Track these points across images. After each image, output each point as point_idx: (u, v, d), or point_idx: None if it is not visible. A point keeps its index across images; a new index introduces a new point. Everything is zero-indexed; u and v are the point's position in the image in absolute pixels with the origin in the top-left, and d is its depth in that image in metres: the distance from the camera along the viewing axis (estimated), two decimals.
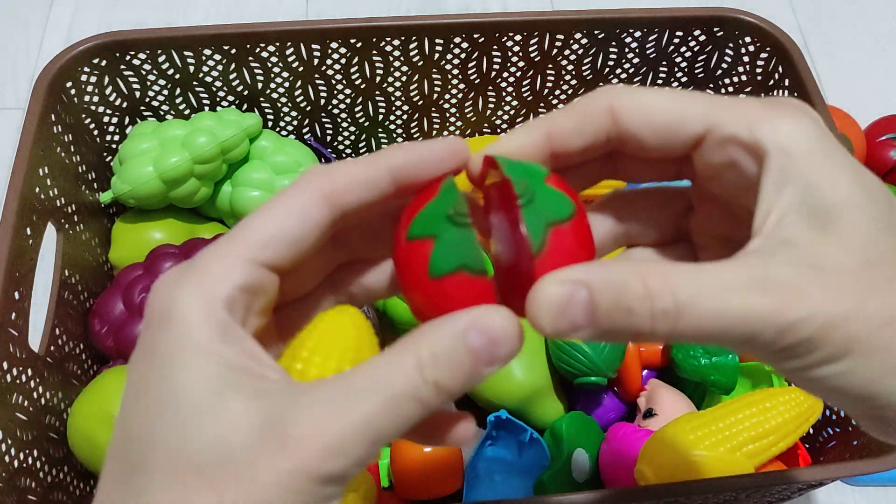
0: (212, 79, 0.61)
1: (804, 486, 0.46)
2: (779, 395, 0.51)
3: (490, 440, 0.57)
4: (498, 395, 0.56)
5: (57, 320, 0.53)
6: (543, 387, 0.56)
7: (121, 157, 0.59)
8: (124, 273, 0.57)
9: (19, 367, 0.47)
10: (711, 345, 0.22)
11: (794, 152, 0.21)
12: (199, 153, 0.58)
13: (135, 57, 0.58)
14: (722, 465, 0.46)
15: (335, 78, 0.62)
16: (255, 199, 0.61)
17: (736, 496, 0.45)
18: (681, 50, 0.63)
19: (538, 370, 0.56)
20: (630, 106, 0.23)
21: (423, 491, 0.54)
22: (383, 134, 0.68)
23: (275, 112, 0.65)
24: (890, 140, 0.73)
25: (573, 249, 0.21)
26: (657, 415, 0.54)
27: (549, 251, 0.21)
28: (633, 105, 0.23)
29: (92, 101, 0.59)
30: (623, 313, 0.20)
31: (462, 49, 0.61)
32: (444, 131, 0.69)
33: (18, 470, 0.46)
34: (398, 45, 0.60)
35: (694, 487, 0.41)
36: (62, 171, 0.55)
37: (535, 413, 0.57)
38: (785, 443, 0.49)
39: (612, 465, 0.53)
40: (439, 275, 0.21)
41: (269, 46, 0.58)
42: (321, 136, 0.68)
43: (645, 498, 0.41)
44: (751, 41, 0.61)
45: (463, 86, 0.64)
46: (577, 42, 0.61)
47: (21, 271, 0.48)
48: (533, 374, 0.56)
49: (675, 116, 0.22)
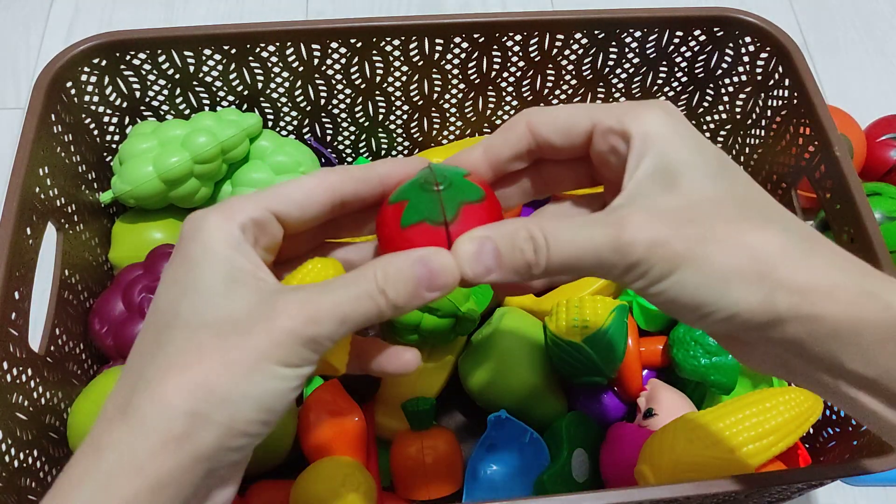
0: (212, 79, 0.61)
1: (804, 486, 0.46)
2: (779, 395, 0.51)
3: (490, 440, 0.57)
4: (498, 395, 0.56)
5: (57, 320, 0.53)
6: (543, 387, 0.56)
7: (121, 157, 0.59)
8: (124, 273, 0.57)
9: (19, 367, 0.47)
10: (577, 274, 0.29)
11: (651, 134, 0.28)
12: (199, 153, 0.58)
13: (135, 57, 0.58)
14: (722, 465, 0.46)
15: (335, 78, 0.62)
16: None
17: (736, 496, 0.45)
18: (681, 50, 0.63)
19: (538, 370, 0.56)
20: (540, 118, 0.31)
21: (423, 491, 0.54)
22: (383, 134, 0.68)
23: (275, 112, 0.65)
24: (890, 140, 0.73)
25: (482, 220, 0.29)
26: (657, 415, 0.54)
27: (461, 220, 0.29)
28: (542, 117, 0.31)
29: (92, 101, 0.59)
30: (518, 253, 0.28)
31: (462, 49, 0.61)
32: (444, 131, 0.69)
33: (18, 470, 0.46)
34: (398, 45, 0.60)
35: (694, 487, 0.41)
36: (62, 171, 0.55)
37: (535, 413, 0.57)
38: (785, 443, 0.49)
39: (612, 465, 0.53)
40: (407, 225, 0.29)
41: (269, 46, 0.58)
42: (321, 136, 0.68)
43: (645, 498, 0.41)
44: (751, 41, 0.61)
45: (463, 86, 0.64)
46: (577, 42, 0.61)
47: (21, 271, 0.48)
48: (533, 374, 0.56)
49: (571, 119, 0.31)
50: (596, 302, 0.55)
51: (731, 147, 0.68)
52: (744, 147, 0.66)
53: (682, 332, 0.56)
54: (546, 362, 0.57)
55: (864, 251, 0.50)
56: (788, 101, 0.59)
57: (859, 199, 0.51)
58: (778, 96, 0.60)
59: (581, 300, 0.55)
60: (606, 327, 0.54)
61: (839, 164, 0.52)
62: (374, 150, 0.70)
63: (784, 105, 0.59)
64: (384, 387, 0.59)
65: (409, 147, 0.70)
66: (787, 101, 0.59)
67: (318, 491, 0.48)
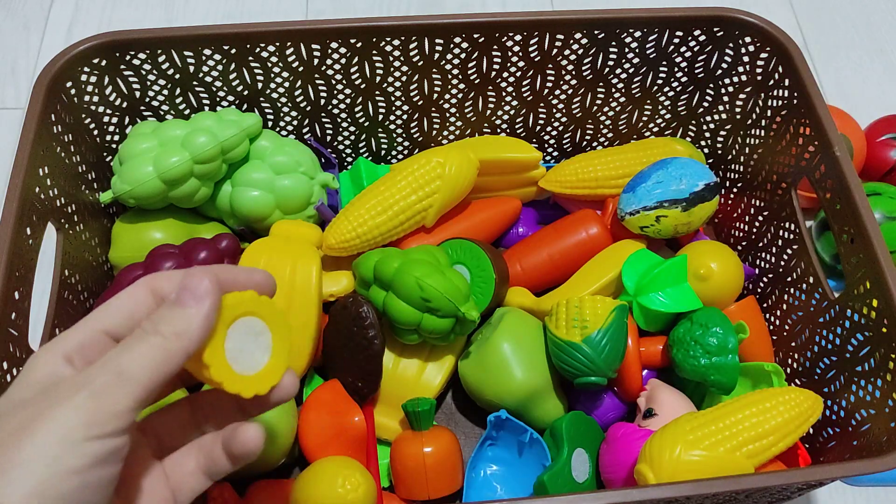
0: (212, 79, 0.61)
1: (804, 486, 0.46)
2: (779, 395, 0.51)
3: (490, 440, 0.57)
4: (498, 395, 0.56)
5: (57, 320, 0.53)
6: (543, 387, 0.56)
7: (121, 157, 0.59)
8: (124, 273, 0.57)
9: (19, 367, 0.47)
10: None
11: None
12: (199, 153, 0.58)
13: (135, 57, 0.58)
14: (722, 465, 0.46)
15: (335, 78, 0.62)
16: (254, 199, 0.61)
17: (736, 496, 0.45)
18: (681, 50, 0.63)
19: (538, 370, 0.56)
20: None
21: (423, 491, 0.54)
22: (383, 134, 0.68)
23: (275, 112, 0.65)
24: (889, 140, 0.73)
25: None
26: (657, 415, 0.54)
27: None
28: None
29: (92, 101, 0.59)
30: None
31: (462, 49, 0.61)
32: (444, 131, 0.69)
33: None
34: (398, 45, 0.60)
35: (694, 487, 0.41)
36: (62, 171, 0.55)
37: (536, 413, 0.57)
38: (785, 443, 0.49)
39: (612, 465, 0.53)
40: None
41: (269, 46, 0.58)
42: (321, 136, 0.68)
43: (645, 498, 0.41)
44: (751, 41, 0.61)
45: (463, 86, 0.64)
46: (577, 42, 0.61)
47: (21, 271, 0.48)
48: (533, 374, 0.56)
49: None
50: (596, 302, 0.55)
51: (731, 147, 0.68)
52: (744, 147, 0.66)
53: (681, 332, 0.56)
54: (546, 362, 0.57)
55: (864, 251, 0.50)
56: (788, 101, 0.59)
57: (859, 199, 0.51)
58: (778, 96, 0.60)
59: (581, 300, 0.55)
60: (606, 327, 0.54)
61: (839, 164, 0.52)
62: (374, 150, 0.70)
63: (784, 105, 0.59)
64: (384, 386, 0.59)
65: (409, 147, 0.70)
66: (787, 101, 0.59)
67: (318, 491, 0.48)
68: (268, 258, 0.56)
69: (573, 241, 0.63)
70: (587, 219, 0.64)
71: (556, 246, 0.64)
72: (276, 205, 0.62)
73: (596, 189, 0.66)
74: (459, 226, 0.65)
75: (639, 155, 0.66)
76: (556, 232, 0.64)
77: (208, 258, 0.57)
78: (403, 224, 0.62)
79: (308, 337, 0.56)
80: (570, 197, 0.67)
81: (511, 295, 0.62)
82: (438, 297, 0.53)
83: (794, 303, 0.60)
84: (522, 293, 0.62)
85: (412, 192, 0.61)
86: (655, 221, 0.60)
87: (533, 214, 0.71)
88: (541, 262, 0.64)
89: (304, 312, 0.56)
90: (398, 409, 0.58)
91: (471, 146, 0.65)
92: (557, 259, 0.63)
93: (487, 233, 0.67)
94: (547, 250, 0.64)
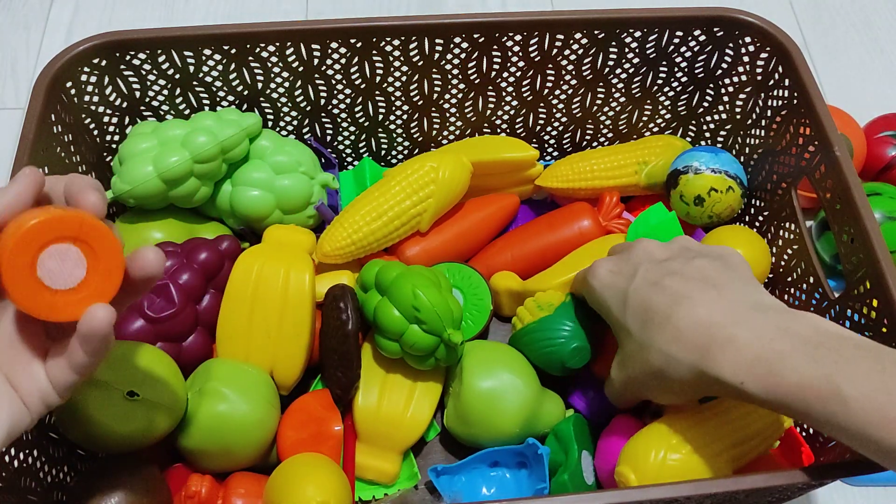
0: (212, 79, 0.61)
1: (804, 486, 0.46)
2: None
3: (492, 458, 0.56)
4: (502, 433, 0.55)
5: None
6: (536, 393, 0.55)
7: (120, 157, 0.59)
8: None
9: None
10: None
11: None
12: (198, 153, 0.58)
13: (135, 57, 0.58)
14: (702, 468, 0.46)
15: (335, 78, 0.62)
16: (254, 199, 0.61)
17: (736, 496, 0.45)
18: (681, 50, 0.63)
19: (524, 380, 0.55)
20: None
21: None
22: (383, 134, 0.68)
23: (275, 112, 0.65)
24: (887, 137, 0.73)
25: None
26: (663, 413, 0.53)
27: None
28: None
29: (92, 101, 0.59)
30: None
31: (462, 49, 0.61)
32: (444, 131, 0.69)
33: (18, 470, 0.46)
34: (398, 45, 0.60)
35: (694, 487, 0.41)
36: (62, 170, 0.55)
37: (542, 422, 0.56)
38: (766, 445, 0.49)
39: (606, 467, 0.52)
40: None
41: (269, 46, 0.58)
42: (321, 136, 0.68)
43: (645, 498, 0.41)
44: (751, 41, 0.61)
45: (463, 86, 0.64)
46: (577, 42, 0.61)
47: None
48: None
49: None
50: (552, 292, 0.58)
51: (731, 147, 0.68)
52: (744, 147, 0.66)
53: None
54: (526, 366, 0.56)
55: (864, 251, 0.50)
56: (788, 101, 0.59)
57: (859, 199, 0.51)
58: (778, 96, 0.60)
59: (538, 295, 0.58)
60: (568, 301, 0.55)
61: (839, 164, 0.52)
62: (374, 150, 0.70)
63: (784, 105, 0.59)
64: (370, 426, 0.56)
65: (409, 147, 0.70)
66: (787, 101, 0.59)
67: (290, 482, 0.48)
68: (261, 265, 0.55)
69: (564, 233, 0.64)
70: (581, 212, 0.64)
71: (548, 237, 0.64)
72: (277, 204, 0.62)
73: (592, 181, 0.65)
74: (458, 225, 0.65)
75: (635, 152, 0.67)
76: (548, 223, 0.65)
77: (209, 259, 0.57)
78: (399, 229, 0.62)
79: (301, 345, 0.56)
80: (567, 192, 0.67)
81: (498, 278, 0.63)
82: (429, 309, 0.52)
83: (795, 303, 0.60)
84: (509, 276, 0.63)
85: (406, 197, 0.61)
86: (726, 191, 0.58)
87: (531, 212, 0.70)
88: (531, 251, 0.64)
89: (298, 320, 0.55)
90: (386, 449, 0.56)
91: (466, 148, 0.65)
92: (547, 249, 0.64)
93: (486, 231, 0.67)
94: (538, 240, 0.64)
